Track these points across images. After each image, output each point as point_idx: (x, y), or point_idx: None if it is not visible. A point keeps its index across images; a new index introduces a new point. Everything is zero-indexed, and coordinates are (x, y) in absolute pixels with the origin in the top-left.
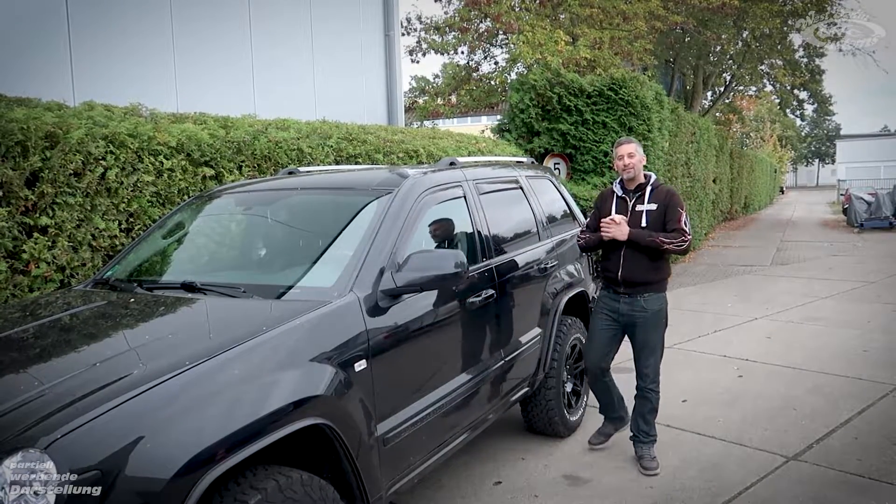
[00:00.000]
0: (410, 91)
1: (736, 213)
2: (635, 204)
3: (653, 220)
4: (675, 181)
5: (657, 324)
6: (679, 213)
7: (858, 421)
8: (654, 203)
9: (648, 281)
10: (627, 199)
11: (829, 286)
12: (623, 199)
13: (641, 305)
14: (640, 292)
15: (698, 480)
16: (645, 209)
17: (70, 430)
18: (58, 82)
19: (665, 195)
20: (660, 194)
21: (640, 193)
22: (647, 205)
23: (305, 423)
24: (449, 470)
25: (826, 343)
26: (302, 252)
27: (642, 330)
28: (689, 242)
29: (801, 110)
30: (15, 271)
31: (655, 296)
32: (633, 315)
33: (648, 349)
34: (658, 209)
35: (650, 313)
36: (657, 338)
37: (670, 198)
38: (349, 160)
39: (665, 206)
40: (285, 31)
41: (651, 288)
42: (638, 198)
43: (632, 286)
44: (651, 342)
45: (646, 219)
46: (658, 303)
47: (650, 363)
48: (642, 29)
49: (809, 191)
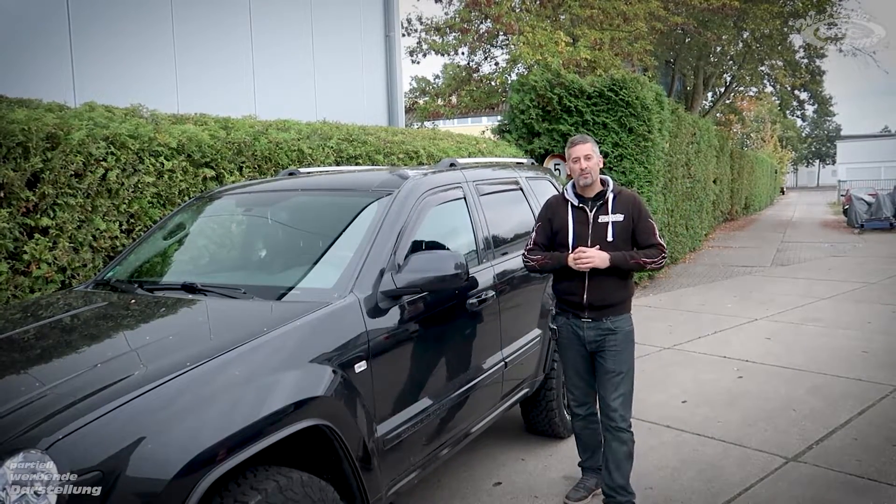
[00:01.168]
0: (411, 92)
1: (736, 214)
2: (597, 214)
3: (619, 232)
4: (676, 182)
5: (628, 346)
6: (652, 226)
7: (858, 422)
8: (619, 213)
9: (615, 301)
10: (587, 208)
11: (830, 287)
12: (581, 210)
13: (609, 328)
14: (606, 314)
15: (698, 481)
16: (610, 220)
17: (71, 430)
18: (59, 83)
19: (631, 203)
20: (625, 202)
21: (602, 202)
22: (613, 215)
23: (306, 424)
24: (449, 470)
25: (826, 344)
26: (302, 253)
27: (612, 354)
28: (666, 258)
29: (802, 111)
30: (16, 272)
31: (623, 316)
32: (599, 340)
33: (620, 377)
34: (625, 220)
35: (620, 334)
36: (629, 363)
37: (639, 208)
38: (349, 161)
39: (634, 218)
40: (286, 31)
41: (618, 308)
42: (599, 207)
43: (598, 309)
44: (622, 367)
45: (612, 232)
46: (627, 323)
47: (621, 393)
48: (642, 30)
49: (810, 191)
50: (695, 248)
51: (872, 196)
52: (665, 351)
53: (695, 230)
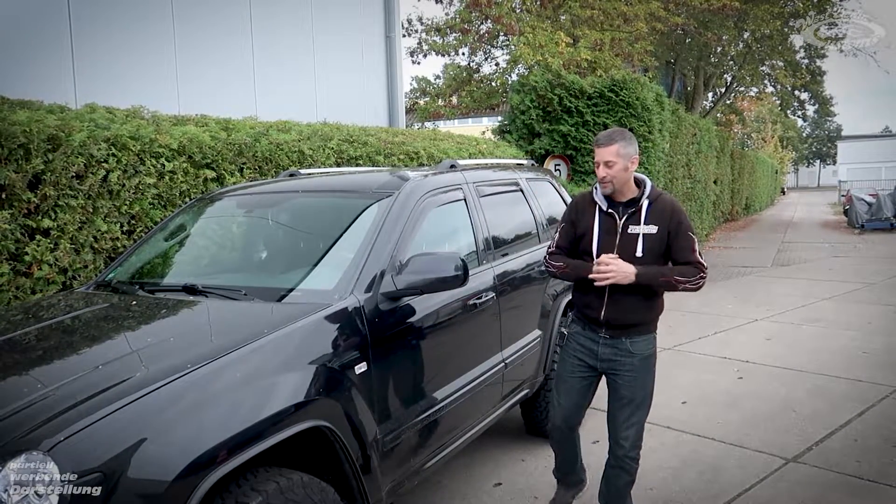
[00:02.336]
0: (412, 92)
1: (737, 214)
2: (627, 224)
3: (650, 246)
4: (676, 182)
5: (647, 372)
6: (692, 241)
7: (858, 423)
8: (653, 224)
9: (638, 322)
10: (616, 216)
11: (830, 287)
12: (610, 217)
13: (627, 349)
14: (625, 334)
15: (698, 482)
16: (641, 232)
17: (73, 432)
18: (60, 84)
19: (669, 213)
20: (661, 212)
21: (634, 210)
22: (645, 226)
23: (306, 426)
24: (449, 471)
25: (826, 345)
26: (303, 255)
27: (628, 380)
28: (706, 277)
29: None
30: (17, 273)
31: (645, 337)
32: (615, 361)
33: (634, 405)
34: (659, 233)
35: (638, 359)
36: (646, 391)
37: (677, 218)
38: (350, 162)
39: (671, 231)
40: (286, 32)
41: (640, 329)
42: (631, 215)
43: (617, 328)
44: (638, 396)
45: (641, 246)
46: (648, 346)
47: (633, 423)
48: (643, 30)
49: (810, 192)
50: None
51: (873, 196)
52: (665, 352)
53: (695, 230)
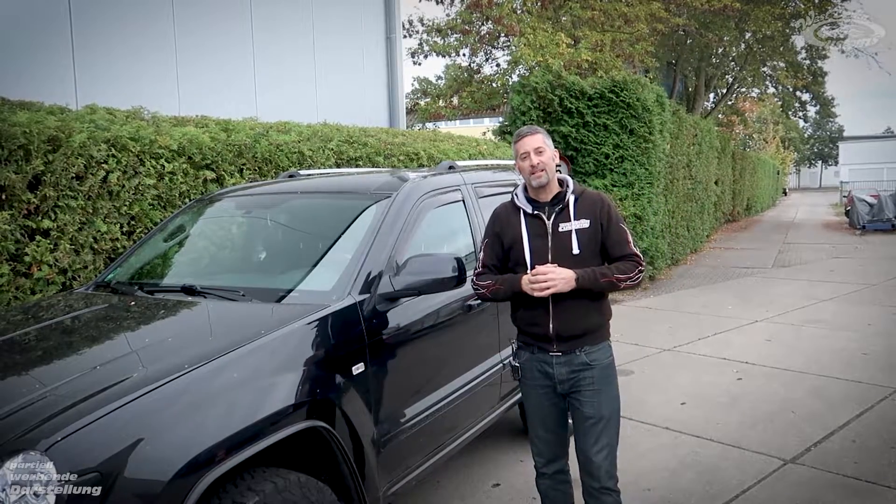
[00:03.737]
0: (413, 93)
1: (738, 215)
2: (557, 222)
3: (586, 241)
4: (677, 183)
5: (609, 384)
6: (625, 232)
7: (857, 424)
8: (584, 219)
9: (589, 329)
10: (543, 216)
11: (830, 289)
12: (537, 218)
13: (584, 362)
14: (578, 346)
15: (696, 483)
16: (573, 228)
17: (70, 432)
18: (60, 85)
19: (598, 206)
20: (590, 204)
21: (562, 207)
22: (576, 221)
23: (303, 426)
24: (448, 472)
25: (826, 346)
26: (301, 256)
27: (590, 396)
28: (644, 272)
29: (804, 112)
30: (17, 274)
31: (600, 346)
32: (574, 378)
33: (602, 424)
34: (592, 227)
35: (598, 368)
36: (612, 404)
37: (607, 209)
38: (350, 163)
39: (602, 223)
40: (287, 34)
41: (594, 337)
42: (559, 213)
43: (569, 340)
44: (605, 412)
45: (577, 243)
46: (605, 354)
47: (604, 446)
48: (644, 31)
49: (812, 192)
50: (696, 250)
51: (874, 197)
52: (665, 352)
53: (696, 231)
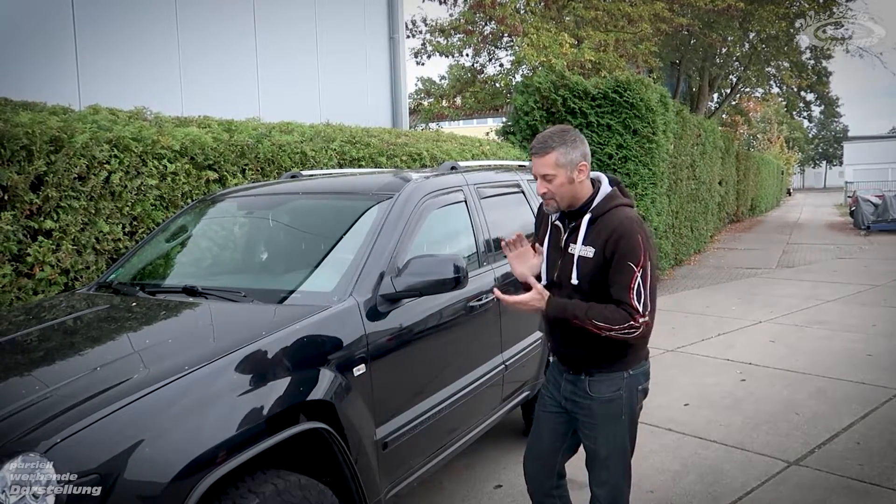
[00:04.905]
0: (416, 93)
1: (742, 215)
2: (569, 241)
3: (586, 271)
4: (681, 183)
5: (610, 423)
6: (629, 274)
7: (861, 426)
8: (591, 245)
9: (595, 351)
10: (561, 229)
11: (835, 289)
12: (557, 230)
13: (584, 389)
14: (583, 368)
15: (699, 485)
16: (577, 254)
17: (70, 433)
18: (64, 86)
19: (609, 234)
20: (601, 231)
21: (576, 224)
22: (583, 247)
23: (304, 428)
24: (450, 473)
25: (830, 347)
26: (302, 256)
27: (586, 429)
28: (641, 328)
29: (808, 112)
30: (20, 274)
31: (608, 377)
32: (574, 401)
33: (598, 461)
34: (595, 258)
35: (597, 403)
36: (612, 442)
37: (616, 240)
38: (352, 163)
39: (608, 254)
40: (290, 34)
41: (602, 366)
42: (572, 231)
43: (571, 360)
44: (601, 451)
45: (577, 272)
46: (611, 387)
47: (603, 482)
48: (647, 31)
49: (816, 193)
50: (700, 250)
51: (879, 198)
52: (668, 353)
53: (700, 232)
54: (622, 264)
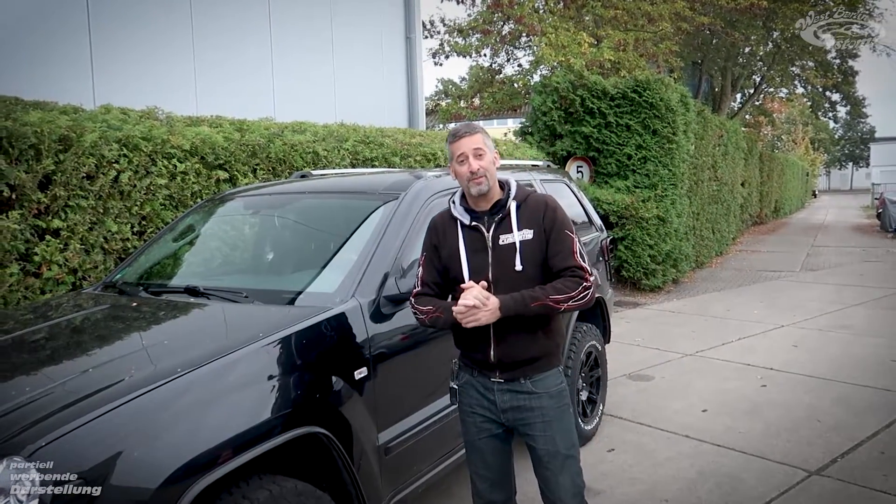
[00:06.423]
0: (435, 94)
1: (765, 217)
2: (497, 234)
3: (529, 254)
4: (702, 184)
5: (562, 413)
6: (570, 240)
7: (885, 435)
8: (528, 228)
9: (538, 355)
10: (482, 227)
11: (860, 293)
12: (476, 231)
13: (529, 390)
14: (523, 373)
15: (715, 494)
16: (517, 240)
17: (56, 437)
18: (79, 85)
19: (543, 211)
20: (533, 211)
21: (503, 215)
22: (519, 233)
23: (301, 432)
24: (459, 478)
25: (854, 352)
26: (306, 257)
27: (541, 429)
28: (593, 289)
29: (834, 112)
30: (27, 273)
31: (549, 373)
32: (519, 407)
33: (559, 459)
34: (536, 237)
35: (546, 397)
36: (568, 437)
37: (551, 214)
38: (365, 163)
39: (546, 230)
40: (306, 33)
41: (541, 364)
42: (500, 223)
43: (512, 368)
44: (561, 445)
45: (520, 257)
46: (555, 379)
47: (564, 483)
48: (668, 30)
49: (843, 194)
50: (721, 253)
51: None
52: (687, 357)
53: (722, 234)
54: (561, 233)
